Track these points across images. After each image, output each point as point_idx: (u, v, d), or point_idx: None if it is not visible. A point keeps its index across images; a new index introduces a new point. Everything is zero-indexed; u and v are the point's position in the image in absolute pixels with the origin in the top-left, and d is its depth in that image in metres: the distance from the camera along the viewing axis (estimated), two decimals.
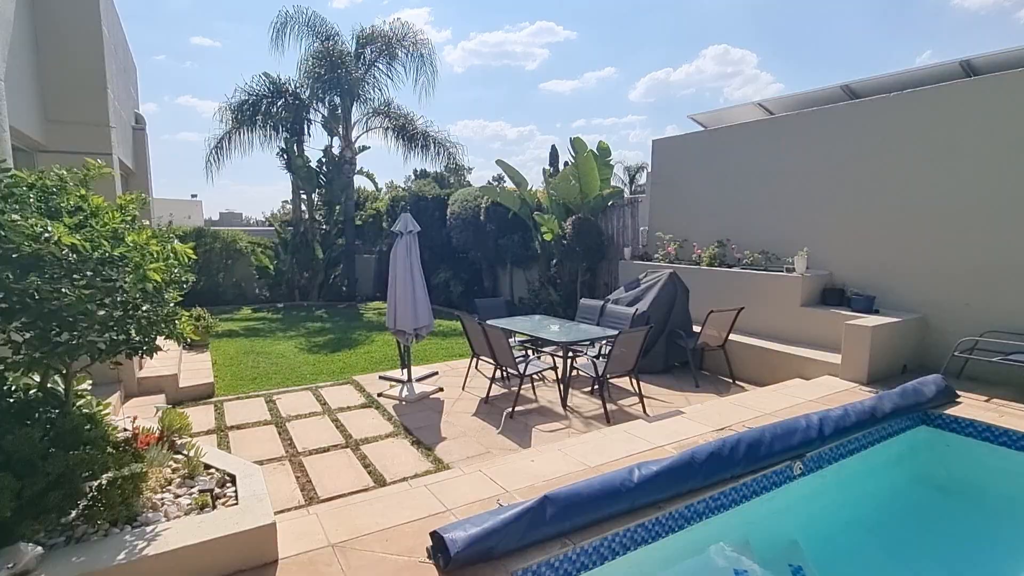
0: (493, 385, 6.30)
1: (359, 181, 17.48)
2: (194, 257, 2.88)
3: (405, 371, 6.79)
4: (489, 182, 25.46)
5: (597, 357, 6.44)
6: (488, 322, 6.32)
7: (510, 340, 5.78)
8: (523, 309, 11.50)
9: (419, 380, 6.90)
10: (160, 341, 2.96)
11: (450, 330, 10.49)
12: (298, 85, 15.30)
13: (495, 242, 12.67)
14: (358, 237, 16.90)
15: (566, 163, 12.83)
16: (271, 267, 15.20)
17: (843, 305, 6.67)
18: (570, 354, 6.03)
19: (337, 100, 15.79)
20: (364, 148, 16.77)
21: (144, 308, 2.74)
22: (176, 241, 2.86)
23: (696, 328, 7.25)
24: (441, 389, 6.56)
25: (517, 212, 11.28)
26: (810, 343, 6.61)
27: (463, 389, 6.60)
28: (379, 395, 6.36)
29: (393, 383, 6.77)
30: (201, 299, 14.45)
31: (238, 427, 5.42)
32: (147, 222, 4.26)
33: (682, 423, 4.59)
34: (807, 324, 6.72)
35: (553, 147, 12.16)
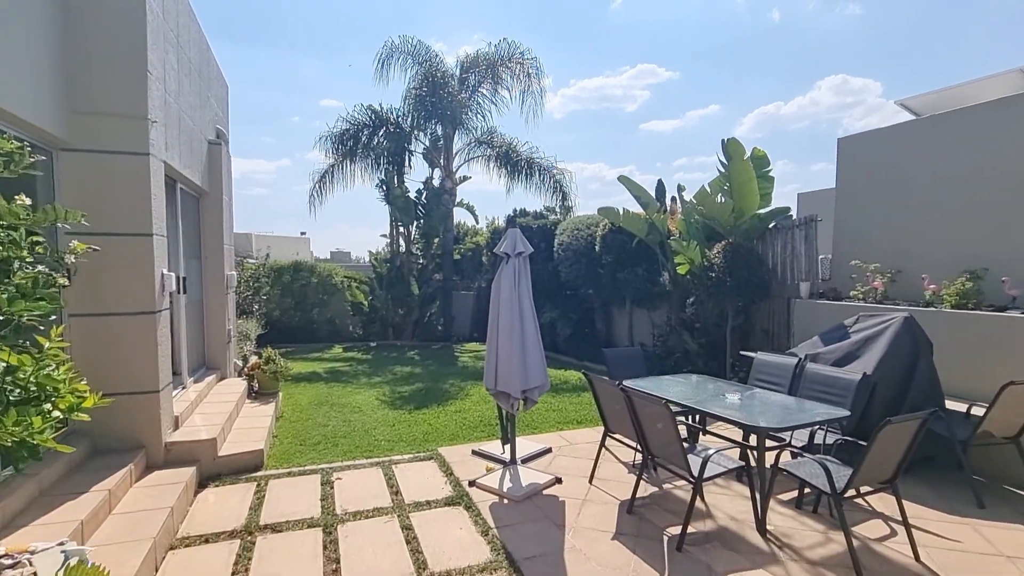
0: (636, 478, 4.18)
1: (458, 216, 16.43)
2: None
3: (507, 448, 4.89)
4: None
5: (806, 449, 4.11)
6: (629, 385, 4.29)
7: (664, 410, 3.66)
8: (649, 360, 9.26)
9: (525, 461, 4.95)
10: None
11: (561, 383, 8.50)
12: (400, 115, 14.69)
13: (613, 276, 10.63)
14: (456, 272, 15.67)
15: (672, 198, 10.92)
16: (366, 303, 14.28)
17: None
18: (761, 441, 3.78)
19: (439, 131, 15.00)
20: (465, 178, 15.74)
21: None
22: None
23: (949, 403, 4.66)
24: (559, 480, 4.54)
25: (644, 239, 9.20)
26: None
27: (590, 483, 4.53)
28: (471, 483, 4.48)
29: (491, 464, 4.88)
30: (295, 336, 13.83)
31: (273, 528, 3.77)
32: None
33: None
34: None
35: (660, 181, 10.05)
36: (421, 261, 15.05)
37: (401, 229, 15.07)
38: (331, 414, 6.72)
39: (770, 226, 7.90)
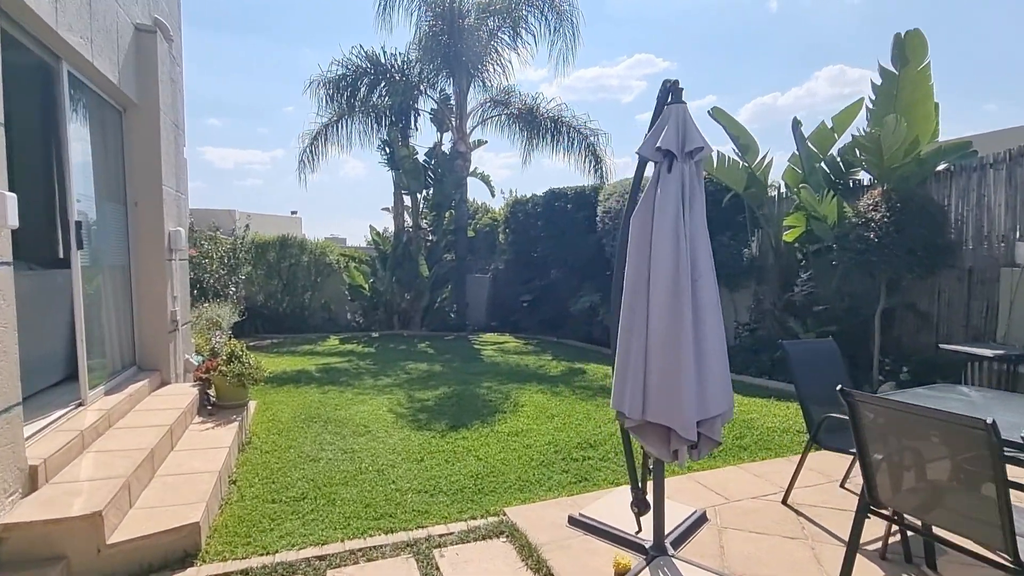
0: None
1: (472, 191, 14.20)
2: None
3: (651, 522, 2.69)
4: None
5: None
6: (898, 400, 2.09)
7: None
8: (743, 354, 7.10)
9: (677, 547, 2.75)
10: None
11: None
12: (407, 63, 12.39)
13: None
14: (470, 252, 13.45)
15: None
16: (366, 286, 12.02)
17: None
18: None
19: (451, 87, 12.75)
20: (480, 142, 13.51)
21: None
22: None
23: None
24: None
25: (742, 194, 6.97)
26: None
27: None
28: None
29: (622, 555, 2.66)
30: (284, 324, 11.55)
31: None
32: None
33: None
34: None
35: None
36: (431, 238, 12.81)
37: (407, 201, 12.81)
38: (325, 437, 4.50)
39: (938, 168, 5.69)
